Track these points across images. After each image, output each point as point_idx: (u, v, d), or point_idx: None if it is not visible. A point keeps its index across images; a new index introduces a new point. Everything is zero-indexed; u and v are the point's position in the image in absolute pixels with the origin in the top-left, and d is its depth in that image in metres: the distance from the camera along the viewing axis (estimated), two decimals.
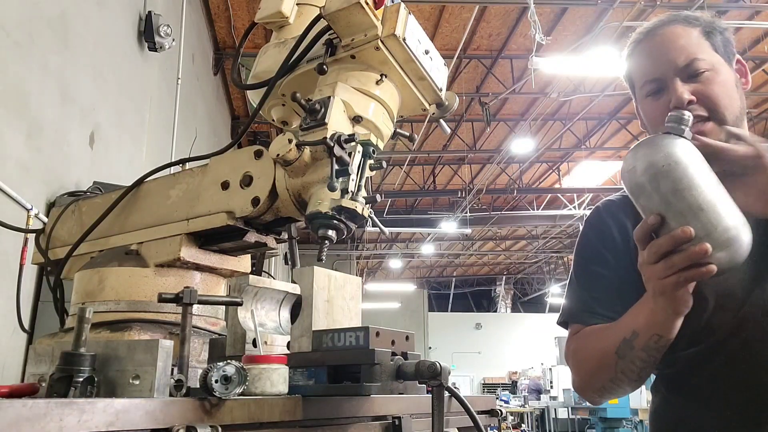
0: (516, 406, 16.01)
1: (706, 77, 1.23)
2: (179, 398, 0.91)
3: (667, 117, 1.07)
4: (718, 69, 1.25)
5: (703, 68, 1.23)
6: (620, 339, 1.16)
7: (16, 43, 2.81)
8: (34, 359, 1.05)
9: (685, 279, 0.98)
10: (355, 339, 1.06)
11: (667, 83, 1.25)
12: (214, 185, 1.38)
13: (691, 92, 1.22)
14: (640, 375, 1.18)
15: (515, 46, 9.10)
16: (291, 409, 1.00)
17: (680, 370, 1.29)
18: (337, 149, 1.16)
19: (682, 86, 1.23)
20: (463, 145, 12.06)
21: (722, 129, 1.18)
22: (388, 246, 18.71)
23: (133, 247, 1.45)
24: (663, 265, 0.98)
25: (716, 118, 1.22)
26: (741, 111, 1.27)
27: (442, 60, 1.43)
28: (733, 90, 1.26)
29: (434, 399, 1.03)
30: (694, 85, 1.23)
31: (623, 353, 1.16)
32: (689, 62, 1.23)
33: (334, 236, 1.19)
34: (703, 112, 1.22)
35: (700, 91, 1.22)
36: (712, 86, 1.23)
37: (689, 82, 1.23)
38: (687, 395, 1.29)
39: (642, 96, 1.33)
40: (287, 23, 1.49)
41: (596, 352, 1.25)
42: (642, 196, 1.02)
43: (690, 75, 1.23)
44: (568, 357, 1.35)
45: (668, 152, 1.00)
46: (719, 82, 1.24)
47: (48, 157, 3.15)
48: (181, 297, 1.07)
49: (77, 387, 0.88)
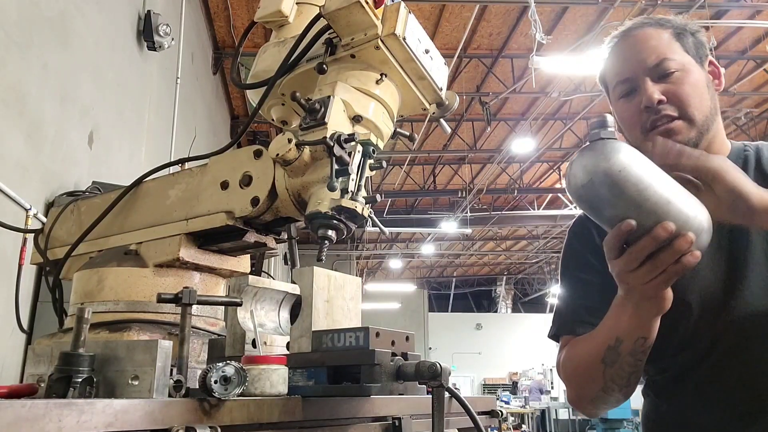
0: (516, 407, 16.01)
1: (677, 77, 1.24)
2: (178, 399, 0.91)
3: (590, 123, 1.08)
4: (688, 69, 1.26)
5: (673, 68, 1.24)
6: (604, 347, 1.15)
7: (16, 42, 2.81)
8: (32, 359, 1.05)
9: (674, 274, 0.97)
10: (355, 339, 1.06)
11: (638, 83, 1.26)
12: (214, 185, 1.37)
13: (661, 92, 1.23)
14: (630, 381, 1.17)
15: (516, 46, 9.10)
16: (291, 410, 1.00)
17: (669, 376, 1.30)
18: (336, 149, 1.16)
19: (653, 86, 1.24)
20: (464, 144, 12.06)
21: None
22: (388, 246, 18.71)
23: (132, 247, 1.45)
24: (648, 267, 0.97)
25: (686, 117, 1.23)
26: (711, 111, 1.27)
27: (443, 59, 1.43)
28: (703, 90, 1.26)
29: (434, 400, 1.03)
30: (665, 85, 1.24)
31: (610, 361, 1.15)
32: (659, 62, 1.25)
33: (333, 236, 1.18)
34: (672, 112, 1.23)
35: (671, 90, 1.23)
36: (682, 86, 1.23)
37: (660, 82, 1.24)
38: (677, 400, 1.29)
39: (615, 98, 1.33)
40: (287, 22, 1.49)
41: (583, 362, 1.23)
42: (606, 207, 0.99)
43: (660, 75, 1.24)
44: (559, 370, 1.34)
45: (618, 157, 0.98)
46: (689, 82, 1.24)
47: (47, 157, 3.15)
48: (181, 297, 1.07)
49: (76, 387, 0.88)
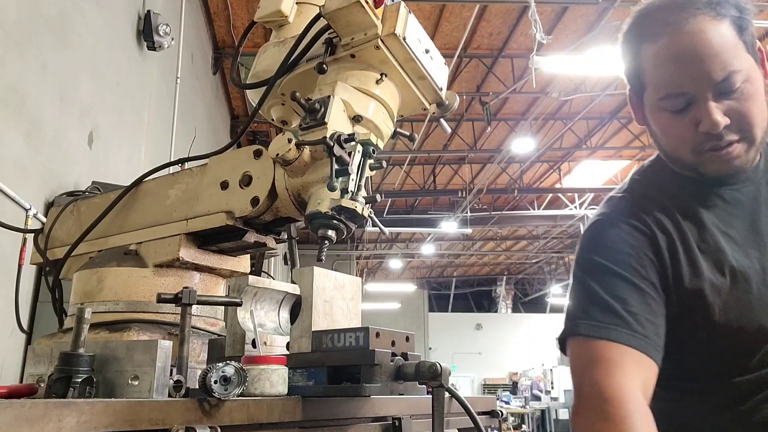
0: (517, 407, 16.00)
1: (741, 91, 1.04)
2: (178, 399, 0.91)
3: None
4: (752, 78, 1.06)
5: (740, 82, 1.04)
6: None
7: (15, 42, 2.81)
8: (32, 360, 1.05)
9: None
10: (355, 340, 1.06)
11: (696, 99, 1.06)
12: (214, 185, 1.37)
13: (724, 112, 1.04)
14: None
15: (516, 46, 9.10)
16: (290, 410, 1.00)
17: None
18: (336, 149, 1.16)
19: (716, 108, 1.04)
20: (464, 144, 12.05)
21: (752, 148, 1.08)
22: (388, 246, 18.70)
23: (132, 247, 1.44)
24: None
25: (748, 138, 1.07)
26: (765, 121, 1.10)
27: (443, 59, 1.42)
28: (763, 99, 1.08)
29: (434, 400, 1.03)
30: (728, 103, 1.05)
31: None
32: (726, 76, 1.03)
33: (333, 236, 1.18)
34: (734, 136, 1.06)
35: (735, 110, 1.05)
36: (747, 103, 1.05)
37: (722, 98, 1.05)
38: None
39: (658, 107, 1.12)
40: (287, 22, 1.49)
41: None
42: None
43: (725, 92, 1.04)
44: (601, 393, 0.93)
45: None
46: (753, 95, 1.06)
47: (46, 157, 3.14)
48: (180, 297, 1.07)
49: (76, 388, 0.88)
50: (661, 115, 1.12)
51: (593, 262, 1.11)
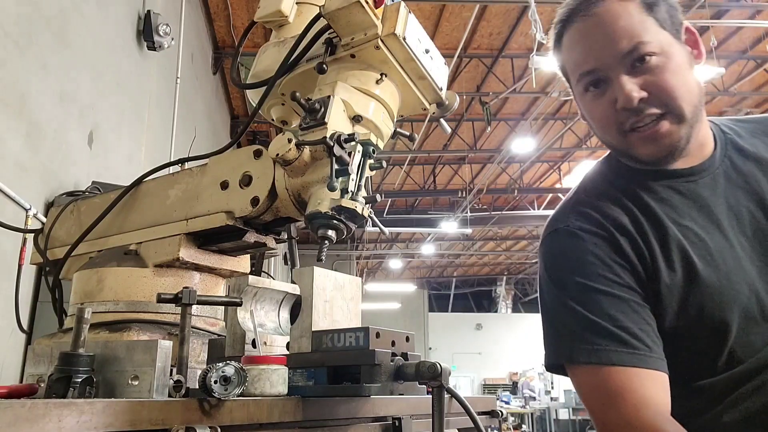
0: (517, 407, 16.00)
1: (656, 64, 1.02)
2: (178, 399, 0.91)
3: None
4: (668, 51, 1.04)
5: (651, 52, 1.02)
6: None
7: (15, 42, 2.81)
8: (32, 360, 1.05)
9: None
10: (355, 340, 1.06)
11: (608, 75, 1.05)
12: (214, 185, 1.37)
13: (640, 86, 1.03)
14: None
15: (516, 45, 9.09)
16: (290, 410, 1.00)
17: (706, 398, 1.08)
18: (336, 149, 1.16)
19: (629, 81, 1.03)
20: (464, 144, 12.05)
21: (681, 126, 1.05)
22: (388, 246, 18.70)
23: (131, 247, 1.44)
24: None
25: (674, 112, 1.04)
26: (700, 97, 1.07)
27: (443, 59, 1.42)
28: (689, 75, 1.06)
29: (434, 400, 1.03)
30: (643, 77, 1.03)
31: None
32: (633, 47, 1.02)
33: (333, 236, 1.18)
34: (657, 110, 1.03)
35: (651, 83, 1.03)
36: (664, 75, 1.03)
37: (636, 72, 1.03)
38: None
39: (579, 91, 1.12)
40: (287, 22, 1.49)
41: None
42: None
43: (636, 63, 1.03)
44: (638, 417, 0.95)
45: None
46: (672, 68, 1.03)
47: (46, 157, 3.14)
48: (180, 297, 1.07)
49: (76, 388, 0.88)
50: (583, 99, 1.12)
51: (564, 280, 1.08)
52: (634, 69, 1.03)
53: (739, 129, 1.18)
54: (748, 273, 1.04)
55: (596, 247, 1.07)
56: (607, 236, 1.08)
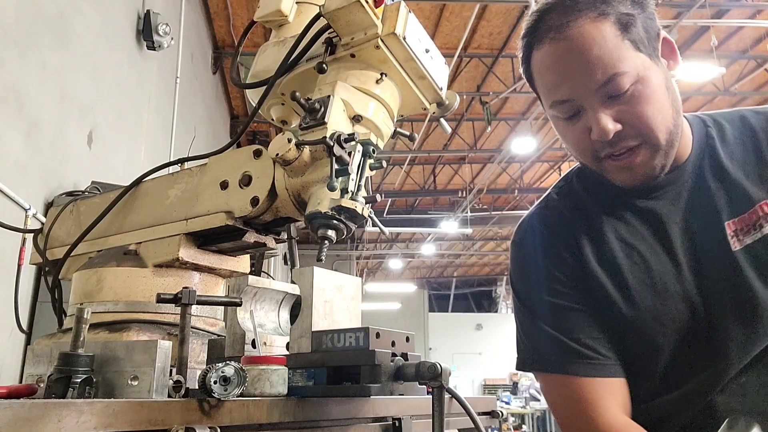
0: (517, 408, 16.00)
1: (632, 93, 0.98)
2: (178, 399, 0.91)
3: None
4: (644, 77, 0.99)
5: (628, 84, 0.98)
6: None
7: (14, 41, 2.81)
8: (32, 360, 1.05)
9: None
10: (355, 340, 1.06)
11: (582, 106, 1.02)
12: (213, 185, 1.37)
13: (615, 117, 0.99)
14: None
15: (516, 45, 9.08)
16: (290, 411, 1.00)
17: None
18: (336, 149, 1.16)
19: (604, 114, 0.99)
20: (464, 144, 12.05)
21: (657, 155, 1.02)
22: (388, 246, 18.70)
23: (131, 247, 1.44)
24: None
25: (649, 142, 1.01)
26: (675, 119, 1.02)
27: (443, 59, 1.42)
28: (664, 98, 1.01)
29: (434, 400, 1.02)
30: (618, 107, 0.99)
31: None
32: (608, 79, 0.98)
33: (333, 236, 1.18)
34: (633, 141, 1.00)
35: (627, 113, 0.99)
36: (640, 105, 0.99)
37: (610, 103, 0.99)
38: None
39: (552, 115, 1.09)
40: (286, 22, 1.48)
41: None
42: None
43: (612, 95, 0.99)
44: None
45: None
46: (648, 96, 0.99)
47: (46, 157, 3.14)
48: (180, 297, 1.06)
49: (75, 388, 0.88)
50: (556, 122, 1.09)
51: (524, 290, 1.16)
52: (609, 99, 0.99)
53: (728, 130, 1.11)
54: (690, 296, 1.03)
55: (549, 261, 1.13)
56: (554, 252, 1.13)
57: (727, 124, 1.12)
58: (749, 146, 1.08)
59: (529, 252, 1.17)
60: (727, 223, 1.02)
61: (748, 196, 1.02)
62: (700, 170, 1.08)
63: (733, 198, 1.03)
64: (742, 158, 1.07)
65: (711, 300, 1.02)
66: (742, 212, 1.02)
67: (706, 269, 1.03)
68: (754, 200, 1.02)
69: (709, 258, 1.03)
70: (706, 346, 1.02)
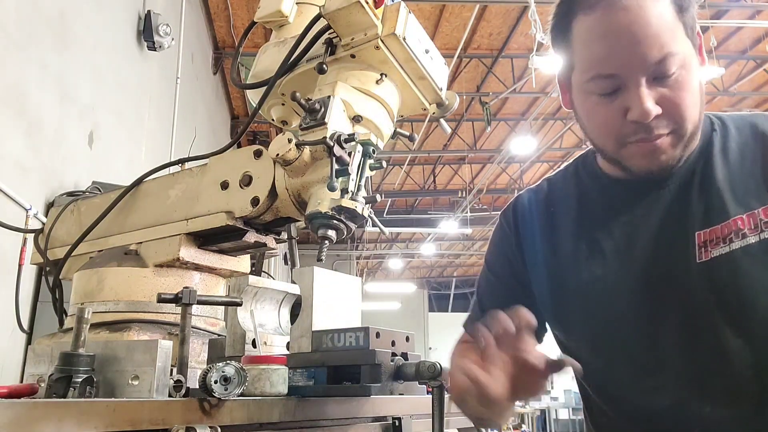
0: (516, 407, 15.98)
1: (676, 78, 0.93)
2: (178, 399, 0.91)
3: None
4: (688, 65, 0.94)
5: (675, 67, 0.92)
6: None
7: (15, 42, 2.81)
8: (33, 359, 1.05)
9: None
10: (355, 339, 1.06)
11: (627, 83, 0.94)
12: (214, 185, 1.37)
13: (656, 100, 0.93)
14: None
15: (516, 46, 9.09)
16: (290, 410, 1.00)
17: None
18: (336, 149, 1.16)
19: (648, 95, 0.93)
20: (464, 144, 12.05)
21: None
22: (388, 246, 18.70)
23: (132, 247, 1.44)
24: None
25: (678, 132, 0.96)
26: (701, 113, 0.99)
27: (443, 59, 1.43)
28: (698, 92, 0.97)
29: (434, 400, 1.03)
30: (662, 91, 0.93)
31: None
32: (662, 57, 0.91)
33: (333, 236, 1.18)
34: (665, 129, 0.95)
35: (668, 99, 0.94)
36: (681, 92, 0.94)
37: (655, 84, 0.93)
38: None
39: (586, 90, 1.00)
40: (287, 22, 1.49)
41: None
42: None
43: (659, 76, 0.93)
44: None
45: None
46: (688, 85, 0.95)
47: (47, 157, 3.15)
48: (181, 297, 1.07)
49: (76, 387, 0.88)
50: (587, 98, 1.00)
51: (487, 258, 1.26)
52: (655, 81, 0.93)
53: (732, 137, 1.05)
54: (636, 300, 1.01)
55: (504, 241, 1.20)
56: (510, 233, 1.20)
57: (735, 131, 1.06)
58: (748, 156, 1.02)
59: (498, 229, 1.24)
60: (698, 233, 0.98)
61: (725, 209, 0.98)
62: (691, 176, 1.03)
63: (710, 208, 0.99)
64: (738, 169, 1.01)
65: (654, 309, 0.99)
66: (714, 224, 0.97)
67: (660, 277, 1.00)
68: (730, 213, 0.97)
69: (668, 266, 0.99)
70: (645, 359, 1.00)
